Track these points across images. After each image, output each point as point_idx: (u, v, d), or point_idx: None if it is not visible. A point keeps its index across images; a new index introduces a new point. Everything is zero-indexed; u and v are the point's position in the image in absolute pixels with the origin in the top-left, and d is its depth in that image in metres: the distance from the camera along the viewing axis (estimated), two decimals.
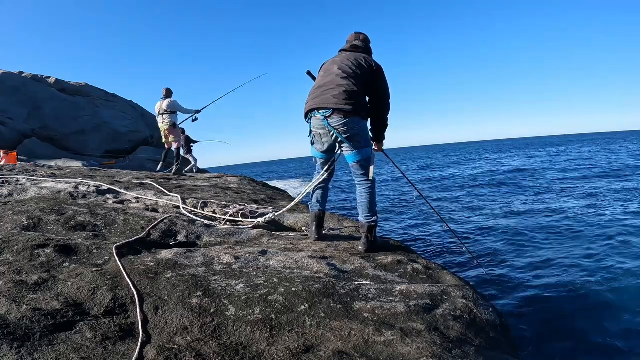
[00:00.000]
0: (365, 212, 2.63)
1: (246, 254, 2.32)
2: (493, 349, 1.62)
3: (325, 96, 2.50)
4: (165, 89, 7.97)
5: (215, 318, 1.61)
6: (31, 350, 1.32)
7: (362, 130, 2.56)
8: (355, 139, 2.52)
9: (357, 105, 2.47)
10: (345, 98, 2.44)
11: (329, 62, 2.72)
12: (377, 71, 2.61)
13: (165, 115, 7.83)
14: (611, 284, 4.57)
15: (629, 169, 16.56)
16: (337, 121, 2.46)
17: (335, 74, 2.55)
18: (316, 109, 2.54)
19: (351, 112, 2.45)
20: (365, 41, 2.81)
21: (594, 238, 6.49)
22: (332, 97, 2.47)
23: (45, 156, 15.10)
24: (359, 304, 1.75)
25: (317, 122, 2.57)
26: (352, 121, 2.47)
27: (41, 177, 4.66)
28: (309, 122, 2.67)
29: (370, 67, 2.60)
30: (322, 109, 2.50)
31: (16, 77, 19.17)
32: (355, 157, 2.56)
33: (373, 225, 2.61)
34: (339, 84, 2.49)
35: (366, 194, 2.62)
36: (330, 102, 2.46)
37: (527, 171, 19.35)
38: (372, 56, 2.78)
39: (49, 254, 2.13)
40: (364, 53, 2.73)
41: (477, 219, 8.86)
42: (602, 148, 35.96)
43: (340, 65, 2.58)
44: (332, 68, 2.62)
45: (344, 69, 2.55)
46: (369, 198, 2.62)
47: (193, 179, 6.21)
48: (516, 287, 4.62)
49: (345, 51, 2.77)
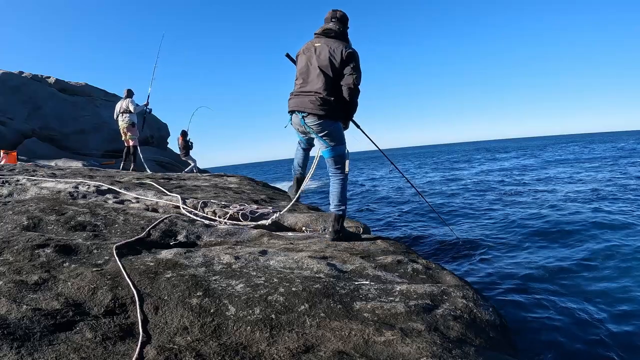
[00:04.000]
0: (335, 202, 2.88)
1: (246, 254, 2.32)
2: (493, 349, 1.62)
3: (304, 100, 2.80)
4: (127, 90, 8.76)
5: (215, 318, 1.61)
6: (31, 350, 1.32)
7: (334, 130, 2.83)
8: (329, 137, 2.82)
9: (330, 111, 2.76)
10: (320, 104, 2.74)
11: (306, 57, 2.87)
12: (347, 60, 2.75)
13: (125, 114, 8.57)
14: (615, 283, 4.56)
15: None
16: (312, 122, 2.78)
17: (312, 80, 2.80)
18: (297, 111, 2.85)
19: (324, 116, 2.76)
20: (342, 20, 2.94)
21: (600, 239, 6.47)
22: (309, 102, 2.77)
23: (45, 156, 15.10)
24: (359, 304, 1.75)
25: (296, 119, 2.92)
26: (325, 122, 2.78)
27: (41, 177, 4.66)
28: (290, 114, 2.99)
29: (341, 59, 2.75)
30: (300, 111, 2.82)
31: (16, 77, 19.18)
32: (329, 153, 2.86)
33: (340, 214, 2.87)
34: (316, 91, 2.76)
35: (338, 184, 2.89)
36: (307, 106, 2.77)
37: (529, 169, 19.34)
38: (347, 38, 2.95)
39: (49, 254, 2.13)
40: (337, 38, 2.87)
41: (478, 217, 8.87)
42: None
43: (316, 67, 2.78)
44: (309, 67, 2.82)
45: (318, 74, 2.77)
46: (340, 189, 2.89)
47: (193, 179, 6.21)
48: (516, 287, 4.62)
49: (319, 36, 2.92)
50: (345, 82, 2.75)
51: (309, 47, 2.89)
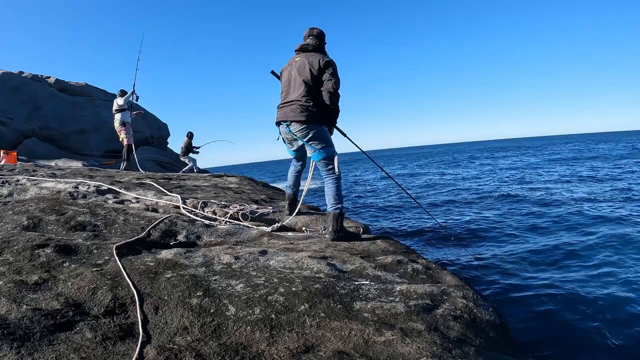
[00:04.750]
0: (332, 201, 2.94)
1: (246, 254, 2.32)
2: (493, 349, 1.61)
3: (286, 110, 3.00)
4: (120, 90, 8.88)
5: (215, 318, 1.61)
6: (31, 350, 1.32)
7: (319, 133, 2.97)
8: (315, 141, 2.97)
9: (310, 116, 2.92)
10: (301, 111, 2.92)
11: (288, 72, 3.09)
12: (323, 68, 2.93)
13: (117, 113, 8.65)
14: (615, 283, 4.56)
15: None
16: (296, 128, 2.96)
17: (293, 90, 3.00)
18: (282, 121, 3.05)
19: (306, 122, 2.92)
20: (319, 37, 3.15)
21: (600, 237, 6.47)
22: (290, 110, 2.96)
23: (45, 156, 15.10)
24: (359, 304, 1.75)
25: (283, 129, 3.11)
26: (309, 127, 2.93)
27: (41, 177, 4.66)
28: (278, 126, 3.18)
29: (319, 67, 2.93)
30: (285, 121, 3.02)
31: (16, 77, 19.18)
32: (318, 156, 2.99)
33: (338, 213, 2.90)
34: (296, 99, 2.95)
35: (332, 184, 2.97)
36: (290, 115, 2.96)
37: (529, 170, 19.35)
38: (324, 51, 3.15)
39: (49, 254, 2.13)
40: (315, 51, 3.08)
41: (477, 219, 8.87)
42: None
43: (297, 79, 2.97)
44: (290, 80, 3.03)
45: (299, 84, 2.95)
46: (334, 188, 2.96)
47: (193, 179, 6.21)
48: (517, 287, 4.62)
49: (299, 52, 3.13)
50: (325, 87, 2.92)
51: (291, 62, 3.11)
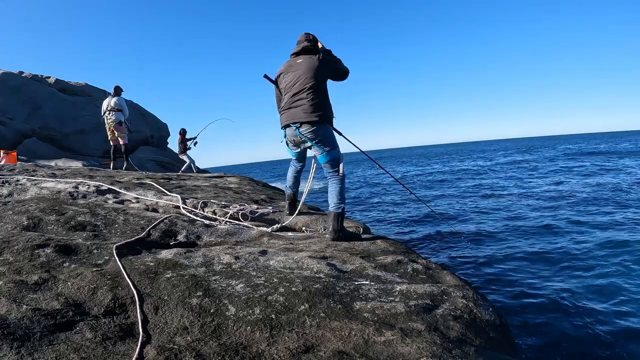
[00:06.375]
0: (335, 200, 2.95)
1: (246, 254, 2.32)
2: (493, 349, 1.61)
3: (295, 111, 2.95)
4: (115, 87, 8.67)
5: (215, 318, 1.61)
6: (31, 350, 1.32)
7: (328, 135, 2.98)
8: (323, 143, 2.96)
9: (322, 116, 2.92)
10: (312, 111, 2.90)
11: (289, 75, 3.06)
12: (324, 57, 2.99)
13: (112, 112, 8.48)
14: (615, 285, 4.56)
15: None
16: (306, 130, 2.93)
17: (300, 91, 2.95)
18: (291, 124, 3.00)
19: (318, 122, 2.90)
20: (314, 40, 3.20)
21: (600, 239, 6.47)
22: (301, 111, 2.92)
23: (45, 156, 15.10)
24: (359, 304, 1.75)
25: (291, 132, 3.06)
26: (319, 128, 2.92)
27: (41, 177, 4.66)
28: (283, 129, 3.15)
29: (319, 62, 2.97)
30: (294, 123, 2.96)
31: (16, 77, 19.18)
32: (325, 158, 2.99)
33: (340, 212, 2.92)
34: (306, 100, 2.92)
35: (337, 184, 3.00)
36: (300, 116, 2.92)
37: (529, 167, 19.34)
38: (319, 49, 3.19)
39: (49, 254, 2.13)
40: (312, 53, 3.10)
41: (477, 218, 8.86)
42: None
43: (301, 78, 2.96)
44: (294, 81, 2.99)
45: (305, 83, 2.93)
46: (338, 188, 2.99)
47: (193, 179, 6.20)
48: (517, 286, 4.62)
49: (297, 55, 3.13)
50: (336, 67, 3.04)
51: (291, 64, 3.11)
